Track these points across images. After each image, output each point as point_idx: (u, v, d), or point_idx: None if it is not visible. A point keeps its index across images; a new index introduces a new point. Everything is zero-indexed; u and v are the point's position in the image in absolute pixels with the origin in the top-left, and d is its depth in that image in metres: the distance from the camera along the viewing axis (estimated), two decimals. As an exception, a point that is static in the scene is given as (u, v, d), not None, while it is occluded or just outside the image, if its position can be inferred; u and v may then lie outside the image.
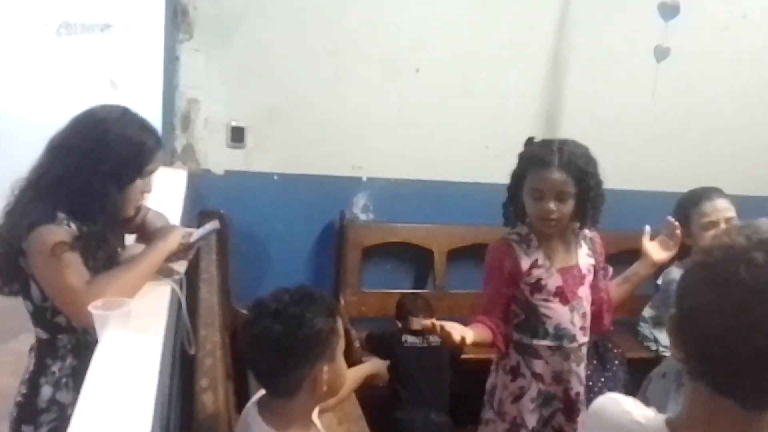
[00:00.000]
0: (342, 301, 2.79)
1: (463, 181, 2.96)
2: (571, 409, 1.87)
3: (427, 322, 1.62)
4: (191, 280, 1.83)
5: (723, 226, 1.93)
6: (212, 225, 1.72)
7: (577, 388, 1.88)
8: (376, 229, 2.89)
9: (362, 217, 2.92)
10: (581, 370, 1.88)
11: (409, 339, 2.48)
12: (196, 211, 2.54)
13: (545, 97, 2.96)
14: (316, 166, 2.83)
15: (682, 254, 1.96)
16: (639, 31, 2.58)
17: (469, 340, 1.62)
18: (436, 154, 2.94)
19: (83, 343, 1.54)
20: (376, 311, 2.86)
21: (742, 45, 3.04)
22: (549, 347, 1.84)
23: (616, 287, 1.95)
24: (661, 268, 1.99)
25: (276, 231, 2.83)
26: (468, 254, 2.94)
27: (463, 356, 2.55)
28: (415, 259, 3.01)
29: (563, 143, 1.80)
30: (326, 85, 2.75)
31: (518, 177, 1.82)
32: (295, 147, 2.80)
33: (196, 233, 1.69)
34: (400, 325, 2.57)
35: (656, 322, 2.83)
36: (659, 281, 2.12)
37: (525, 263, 1.81)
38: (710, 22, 2.94)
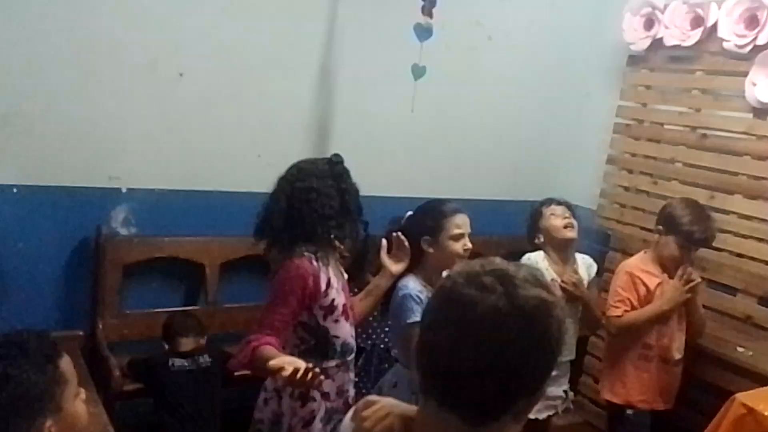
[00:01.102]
0: (100, 326, 2.53)
1: (234, 191, 2.86)
2: None
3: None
4: None
5: (467, 238, 2.08)
6: None
7: (352, 392, 1.92)
8: (139, 244, 2.67)
9: (123, 231, 2.67)
10: (353, 375, 1.93)
11: (177, 362, 2.32)
12: None
13: (316, 107, 2.98)
14: (66, 176, 2.52)
15: (414, 265, 2.08)
16: (398, 49, 2.72)
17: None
18: (204, 162, 2.80)
19: None
20: (141, 334, 2.64)
21: (488, 65, 3.36)
22: (336, 365, 1.84)
23: (359, 301, 2.00)
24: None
25: (16, 251, 2.47)
26: (242, 266, 2.85)
27: (237, 374, 2.46)
28: (184, 274, 2.83)
29: None
30: (75, 88, 2.47)
31: None
32: (40, 156, 2.47)
33: None
34: (167, 347, 2.40)
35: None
36: None
37: (323, 283, 1.79)
38: (460, 44, 3.21)
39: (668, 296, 2.57)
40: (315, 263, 1.78)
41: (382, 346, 2.70)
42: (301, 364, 1.51)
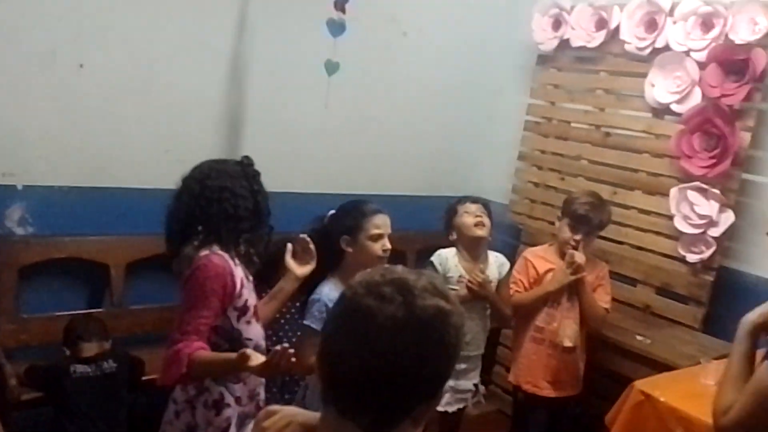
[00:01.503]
0: (-6, 332, 2.37)
1: (141, 188, 2.75)
2: None
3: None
4: None
5: (386, 239, 2.08)
6: None
7: (263, 395, 1.89)
8: (36, 244, 2.52)
9: (18, 231, 2.51)
10: (263, 378, 1.89)
11: (79, 368, 2.20)
12: None
13: (227, 102, 2.90)
14: (-48, 174, 2.36)
15: (336, 265, 2.08)
16: (311, 44, 2.69)
17: None
18: (108, 158, 2.67)
19: None
20: (41, 339, 2.49)
21: (403, 61, 3.38)
22: None
23: (263, 305, 1.97)
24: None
25: None
26: (149, 266, 2.74)
27: (144, 378, 2.38)
28: (87, 275, 2.69)
29: None
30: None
31: None
32: None
33: None
34: (68, 353, 2.27)
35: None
36: None
37: (238, 282, 1.74)
38: (374, 40, 3.21)
39: (554, 278, 2.65)
40: (230, 261, 1.73)
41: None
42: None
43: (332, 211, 2.19)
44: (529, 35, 3.45)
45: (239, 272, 1.76)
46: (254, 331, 1.81)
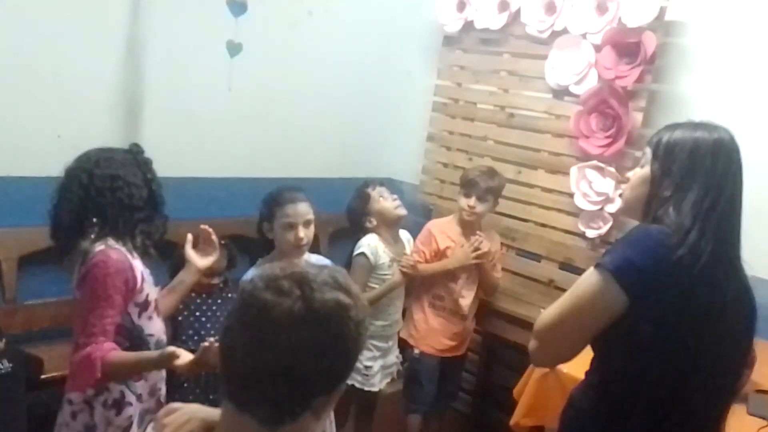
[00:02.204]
0: None
1: (32, 176, 2.58)
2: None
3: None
4: None
5: (301, 228, 2.08)
6: None
7: (163, 390, 1.84)
8: None
9: None
10: (164, 373, 1.84)
11: (-32, 371, 2.07)
12: None
13: (123, 84, 2.76)
14: None
15: (267, 251, 2.07)
16: (212, 25, 2.60)
17: None
18: (-2, 145, 2.50)
19: None
20: (-76, 341, 2.32)
21: (309, 41, 3.32)
22: None
23: (162, 298, 1.90)
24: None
25: None
26: (44, 259, 2.57)
27: (43, 377, 2.26)
28: (-26, 271, 2.53)
29: None
30: None
31: None
32: None
33: None
34: (-45, 355, 2.13)
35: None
36: None
37: (139, 276, 1.67)
38: (279, 19, 3.13)
39: (456, 257, 2.84)
40: (128, 255, 1.66)
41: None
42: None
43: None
44: (434, 16, 3.47)
45: (138, 265, 1.68)
46: (155, 327, 1.74)
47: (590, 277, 1.33)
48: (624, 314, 1.28)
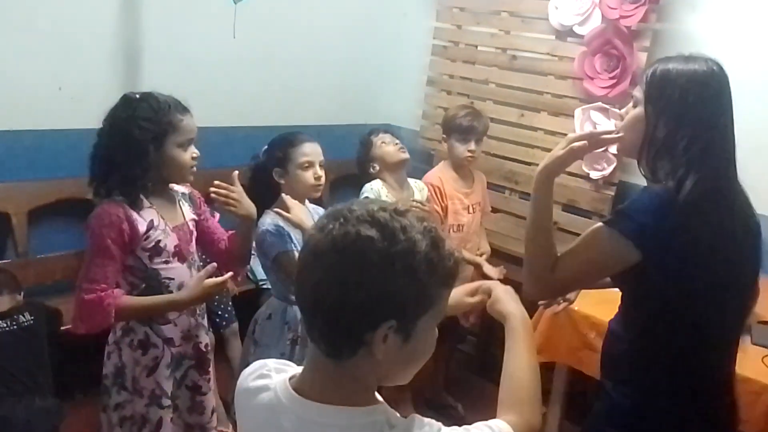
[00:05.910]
0: None
1: (35, 129, 2.57)
2: (202, 361, 1.90)
3: None
4: None
5: (318, 167, 2.09)
6: None
7: (205, 339, 1.91)
8: (-77, 196, 2.32)
9: None
10: (205, 321, 1.91)
11: (-7, 325, 2.10)
12: None
13: (122, 34, 2.71)
14: None
15: (273, 199, 2.07)
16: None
17: None
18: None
19: None
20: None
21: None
22: None
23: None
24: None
25: None
26: (53, 212, 2.61)
27: (63, 328, 2.30)
28: (-14, 226, 2.53)
29: None
30: None
31: None
32: None
33: None
34: (-22, 309, 2.15)
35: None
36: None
37: (142, 226, 1.69)
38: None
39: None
40: (126, 207, 1.68)
41: None
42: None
43: (265, 147, 2.18)
44: (431, -44, 3.40)
45: (147, 215, 1.71)
46: (177, 272, 1.78)
47: (603, 241, 1.36)
48: (640, 267, 1.32)
